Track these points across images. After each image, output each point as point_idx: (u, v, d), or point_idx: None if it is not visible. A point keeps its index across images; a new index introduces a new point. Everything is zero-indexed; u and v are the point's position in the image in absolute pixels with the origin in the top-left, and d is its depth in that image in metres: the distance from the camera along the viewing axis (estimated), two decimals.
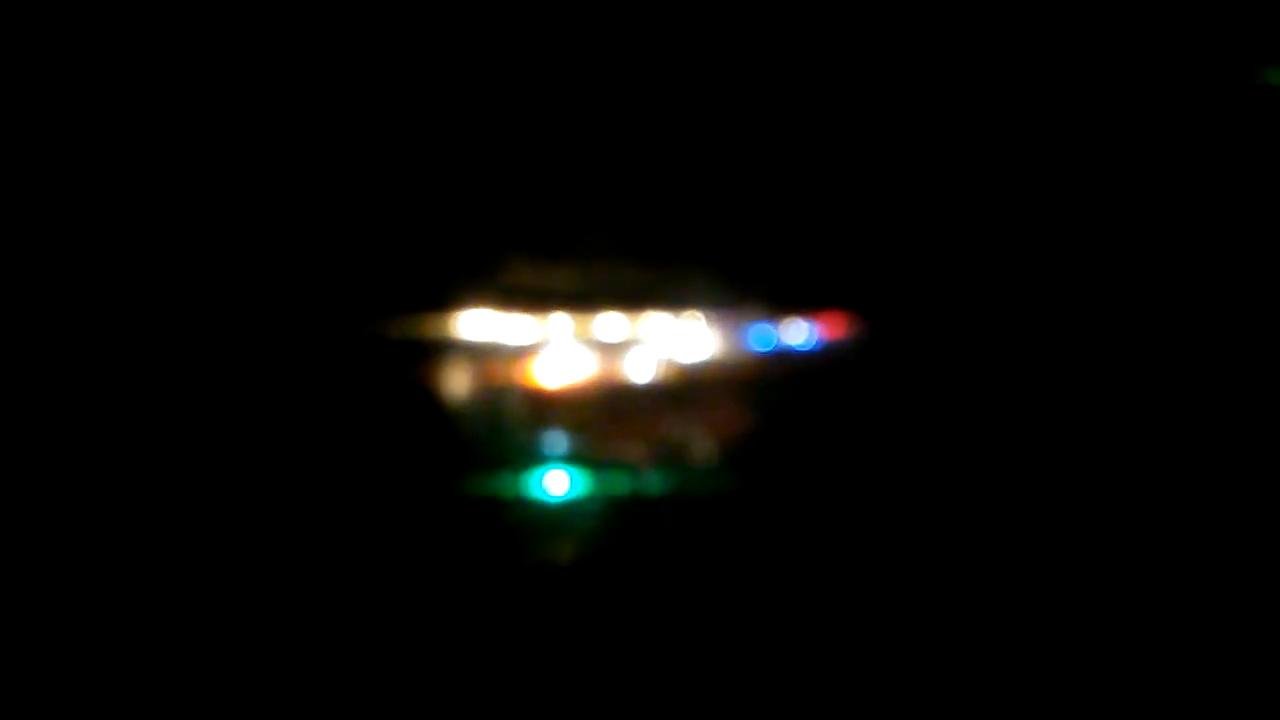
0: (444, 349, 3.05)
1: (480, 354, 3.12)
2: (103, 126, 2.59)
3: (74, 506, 2.59)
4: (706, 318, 3.14)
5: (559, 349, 3.14)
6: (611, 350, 3.17)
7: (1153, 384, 2.81)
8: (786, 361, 3.09)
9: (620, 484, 3.10)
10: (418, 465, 2.97)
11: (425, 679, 2.83)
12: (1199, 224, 2.78)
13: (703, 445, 3.12)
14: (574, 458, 3.11)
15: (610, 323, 3.17)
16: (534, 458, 3.09)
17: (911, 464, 2.94)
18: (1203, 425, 2.77)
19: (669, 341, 3.15)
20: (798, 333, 3.10)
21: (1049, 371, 2.92)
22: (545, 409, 3.13)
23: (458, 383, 3.09)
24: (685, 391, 3.14)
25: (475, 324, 3.13)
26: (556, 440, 3.13)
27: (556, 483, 3.12)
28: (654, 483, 3.08)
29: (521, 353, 3.13)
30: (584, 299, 3.18)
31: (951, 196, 2.96)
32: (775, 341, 3.10)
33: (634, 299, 3.17)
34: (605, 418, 3.16)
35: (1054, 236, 2.89)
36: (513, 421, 3.13)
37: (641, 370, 3.16)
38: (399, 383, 2.98)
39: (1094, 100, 2.83)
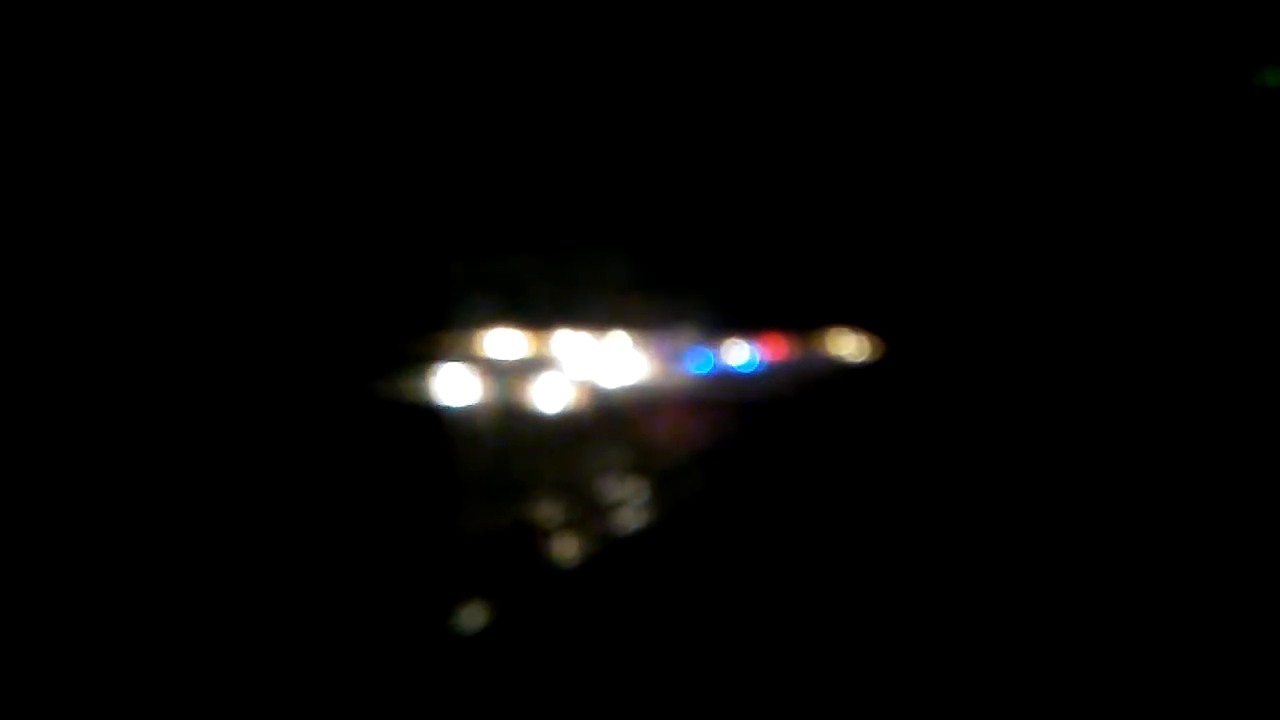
0: None
1: None
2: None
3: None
4: (634, 336, 2.69)
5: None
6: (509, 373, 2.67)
7: (1144, 385, 2.61)
8: (726, 387, 2.67)
9: None
10: None
11: None
12: (1199, 225, 2.60)
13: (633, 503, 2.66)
14: None
15: (508, 340, 2.68)
16: None
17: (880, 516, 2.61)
18: (1200, 432, 2.57)
19: (583, 363, 2.68)
20: (739, 354, 2.70)
21: (1015, 398, 2.65)
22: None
23: None
24: (604, 425, 2.67)
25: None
26: None
27: None
28: None
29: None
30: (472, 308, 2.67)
31: (925, 205, 2.68)
32: (714, 364, 2.68)
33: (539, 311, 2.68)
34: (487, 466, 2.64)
35: (1039, 240, 2.65)
36: None
37: (546, 398, 2.67)
38: None
39: (1090, 102, 2.61)
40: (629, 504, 2.65)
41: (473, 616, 2.54)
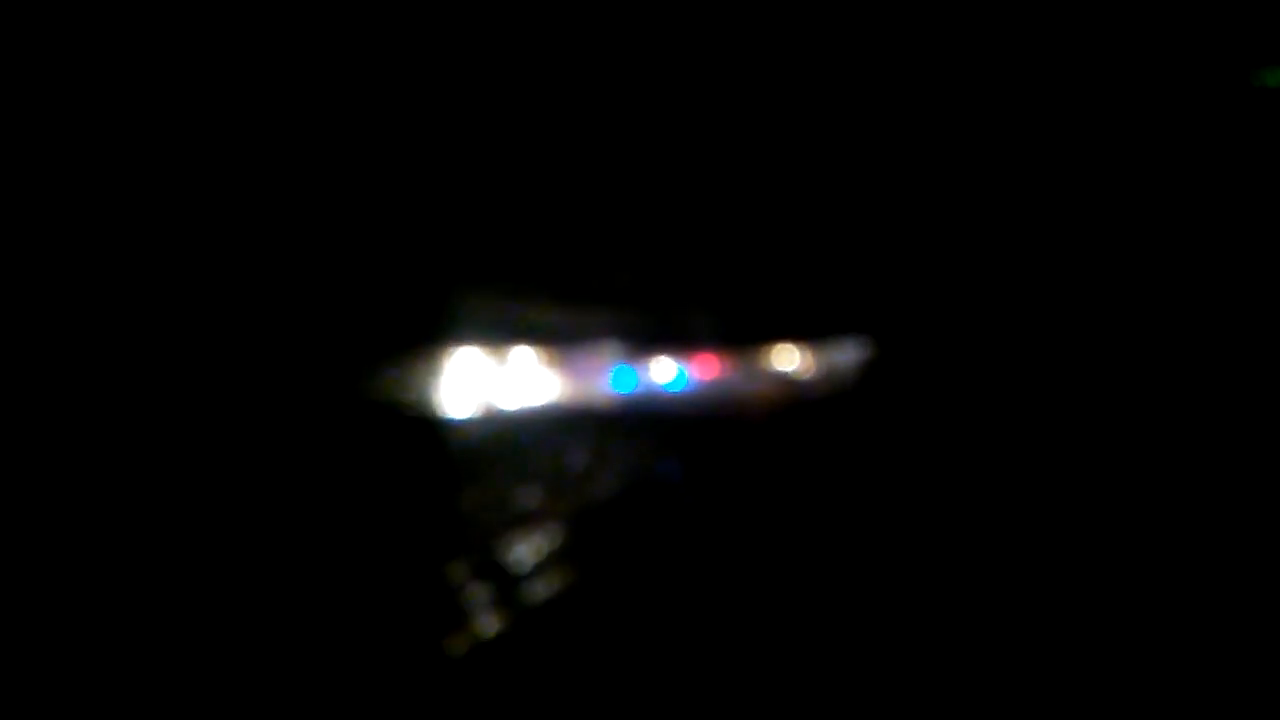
0: None
1: None
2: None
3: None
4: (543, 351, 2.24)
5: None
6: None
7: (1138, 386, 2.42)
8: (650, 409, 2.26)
9: None
10: None
11: None
12: (1198, 226, 2.43)
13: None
14: None
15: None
16: None
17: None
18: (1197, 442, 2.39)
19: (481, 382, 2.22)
20: (666, 372, 2.29)
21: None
22: None
23: None
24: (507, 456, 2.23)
25: None
26: None
27: None
28: None
29: None
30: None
31: (888, 206, 2.40)
32: (638, 384, 2.27)
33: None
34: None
35: (1021, 245, 2.41)
36: None
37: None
38: None
39: (1085, 101, 2.39)
40: (537, 558, 2.19)
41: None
